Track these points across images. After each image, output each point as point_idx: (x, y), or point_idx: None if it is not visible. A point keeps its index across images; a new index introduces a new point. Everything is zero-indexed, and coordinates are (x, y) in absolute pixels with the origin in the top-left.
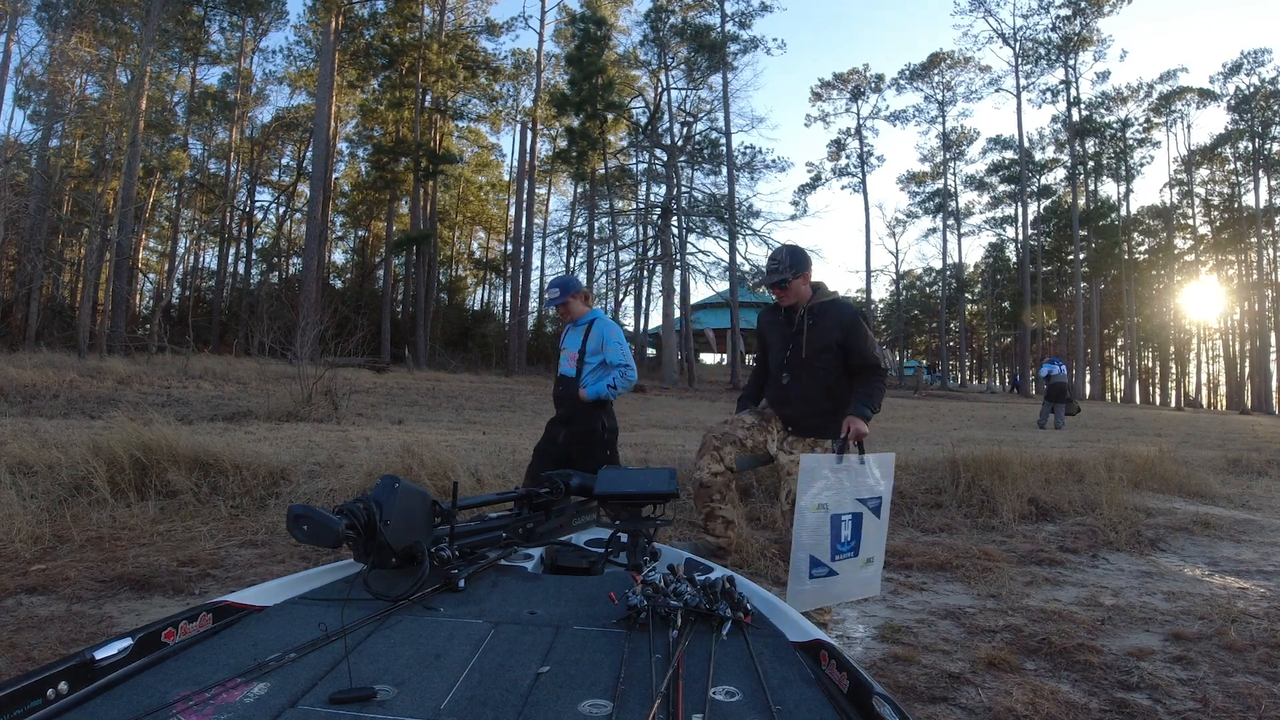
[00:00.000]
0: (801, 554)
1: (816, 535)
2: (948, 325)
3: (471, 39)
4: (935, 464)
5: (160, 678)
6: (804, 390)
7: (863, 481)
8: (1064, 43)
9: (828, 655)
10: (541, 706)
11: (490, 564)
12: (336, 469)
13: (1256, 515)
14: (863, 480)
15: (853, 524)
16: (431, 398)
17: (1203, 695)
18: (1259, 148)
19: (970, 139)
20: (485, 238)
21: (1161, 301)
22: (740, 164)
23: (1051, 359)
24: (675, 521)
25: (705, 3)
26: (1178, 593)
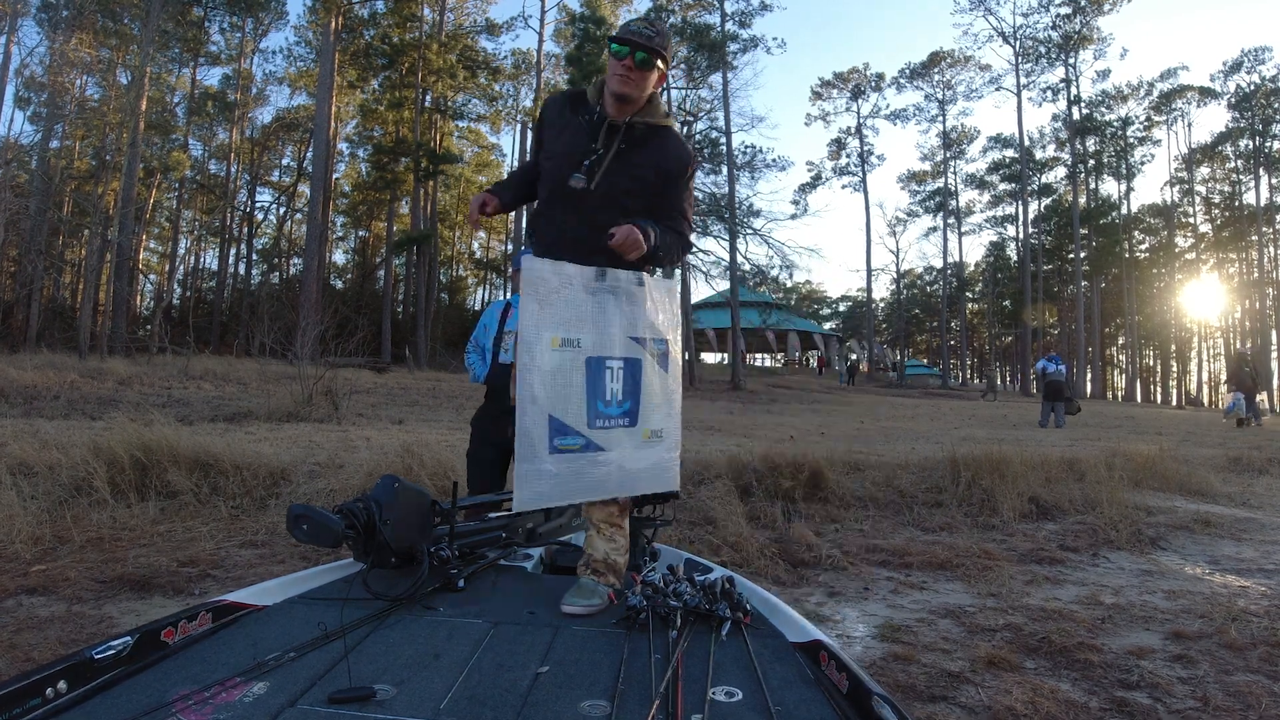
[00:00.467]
0: (535, 414)
1: (559, 385)
2: (949, 324)
3: (471, 39)
4: (935, 463)
5: (160, 677)
6: (588, 243)
7: (637, 310)
8: (1064, 41)
9: (827, 656)
10: (541, 706)
11: (490, 564)
12: (337, 469)
13: (1257, 513)
14: (637, 308)
15: (625, 374)
16: (432, 398)
17: (1203, 694)
18: (1259, 146)
19: (971, 138)
20: (486, 238)
21: (1162, 300)
22: (740, 163)
23: (1050, 356)
24: (676, 521)
25: (705, 2)
26: (1178, 591)
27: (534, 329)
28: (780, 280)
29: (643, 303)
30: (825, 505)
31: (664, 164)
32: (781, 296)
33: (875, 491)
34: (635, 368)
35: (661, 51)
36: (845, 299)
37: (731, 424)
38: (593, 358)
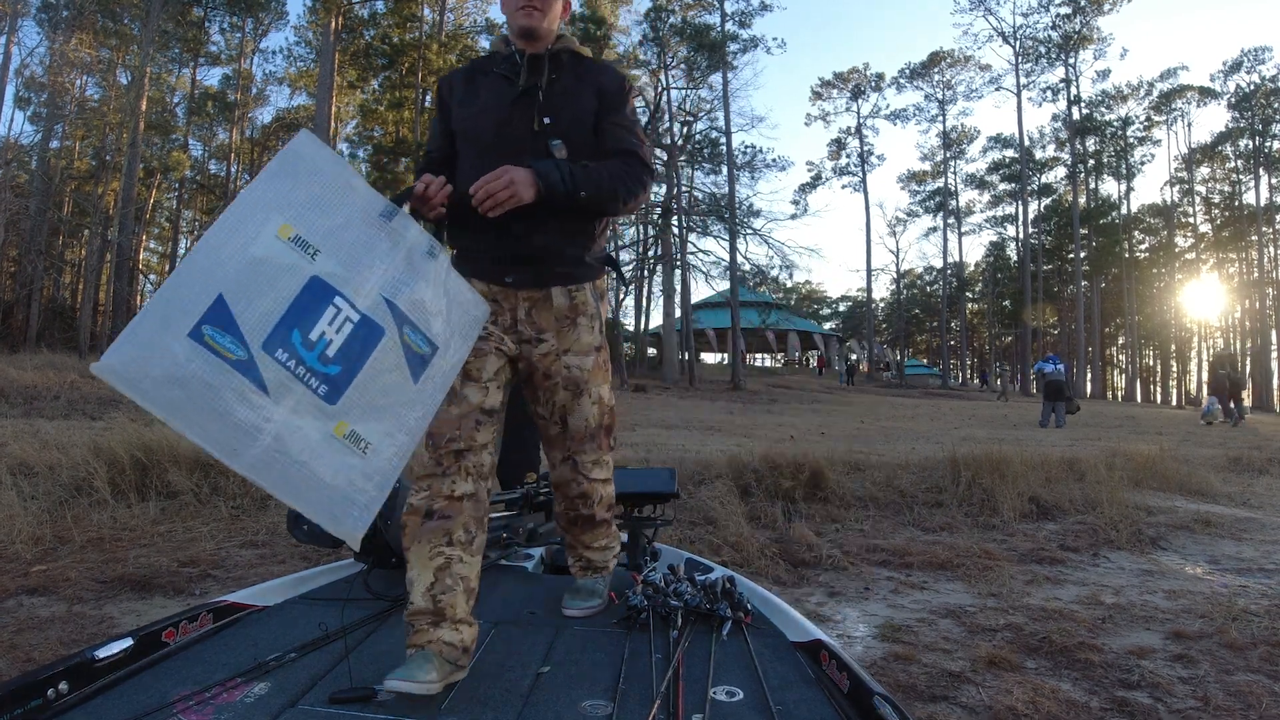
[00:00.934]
0: (200, 278)
1: (257, 275)
2: (948, 324)
3: (471, 39)
4: (936, 463)
5: (160, 677)
6: (535, 211)
7: (410, 279)
8: (1064, 41)
9: (828, 655)
10: (542, 706)
11: (490, 564)
12: None
13: (1257, 513)
14: (412, 277)
15: (352, 333)
16: None
17: (1204, 694)
18: (1259, 146)
19: (971, 137)
20: None
21: (1162, 300)
22: (740, 163)
23: (1049, 356)
24: (676, 521)
25: (705, 2)
26: (1178, 591)
27: (266, 204)
28: (780, 280)
29: (423, 276)
30: (825, 505)
31: (604, 84)
32: (781, 296)
33: (875, 491)
34: (369, 337)
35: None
36: (845, 299)
37: (731, 424)
38: (322, 279)
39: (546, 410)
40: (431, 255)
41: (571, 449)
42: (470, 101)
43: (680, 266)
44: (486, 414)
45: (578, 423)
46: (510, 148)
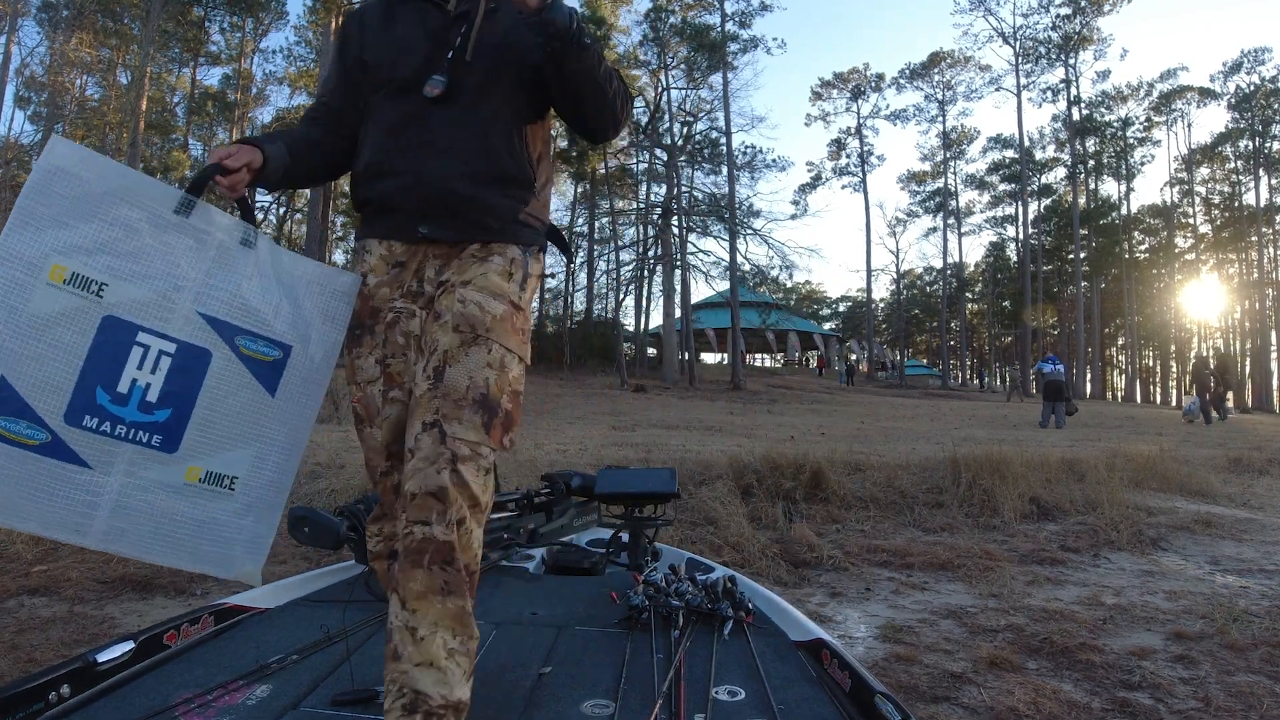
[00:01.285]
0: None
1: (39, 341)
2: (948, 324)
3: None
4: (936, 463)
5: (162, 680)
6: (465, 134)
7: (226, 278)
8: (1064, 42)
9: (829, 655)
10: (544, 707)
11: (491, 565)
12: (338, 469)
13: (1258, 514)
14: (228, 276)
15: (172, 365)
16: None
17: (1204, 694)
18: (1259, 146)
19: (971, 138)
20: None
21: (1162, 300)
22: (740, 163)
23: (1049, 357)
24: (676, 521)
25: (705, 2)
26: (1179, 592)
27: (26, 248)
28: (780, 280)
29: (240, 270)
30: (826, 505)
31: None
32: (781, 297)
33: (876, 492)
34: (195, 366)
35: None
36: (845, 299)
37: (732, 424)
38: (117, 318)
39: (423, 361)
40: (247, 244)
41: (442, 410)
42: (385, 32)
43: (680, 266)
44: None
45: (458, 377)
46: (436, 97)
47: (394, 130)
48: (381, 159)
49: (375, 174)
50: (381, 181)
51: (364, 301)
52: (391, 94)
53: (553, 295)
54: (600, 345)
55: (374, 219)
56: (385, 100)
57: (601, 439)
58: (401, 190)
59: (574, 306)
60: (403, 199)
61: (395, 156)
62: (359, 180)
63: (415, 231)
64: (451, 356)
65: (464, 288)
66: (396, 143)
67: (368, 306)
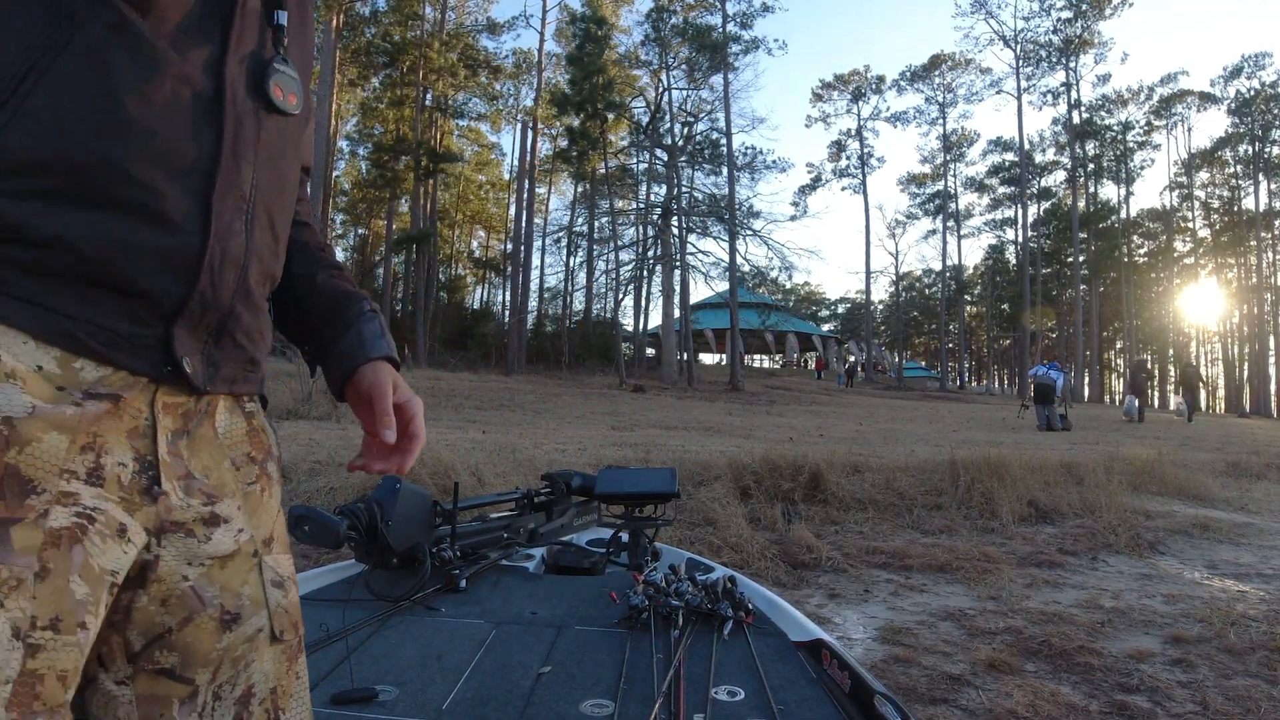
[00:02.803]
0: None
1: None
2: (947, 327)
3: (472, 38)
4: (935, 465)
5: None
6: (259, 193)
7: None
8: (1065, 45)
9: (829, 655)
10: (543, 707)
11: (491, 564)
12: (337, 467)
13: (1255, 518)
14: None
15: None
16: (431, 396)
17: (1202, 697)
18: (1259, 151)
19: (971, 141)
20: (485, 236)
21: (1161, 304)
22: (741, 164)
23: (1049, 363)
24: (676, 522)
25: (707, 3)
26: (1177, 595)
27: None
28: (779, 281)
29: None
30: (825, 507)
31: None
32: (780, 298)
33: (875, 494)
34: None
35: None
36: (844, 301)
37: (730, 425)
38: None
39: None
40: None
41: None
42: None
43: (679, 267)
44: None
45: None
46: (219, 26)
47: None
48: (96, 174)
49: (77, 197)
50: (79, 225)
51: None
52: (143, 36)
53: (552, 295)
54: (599, 345)
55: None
56: (132, 43)
57: (601, 439)
58: (139, 259)
59: (573, 306)
60: (141, 273)
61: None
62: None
63: (160, 354)
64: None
65: (270, 549)
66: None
67: None
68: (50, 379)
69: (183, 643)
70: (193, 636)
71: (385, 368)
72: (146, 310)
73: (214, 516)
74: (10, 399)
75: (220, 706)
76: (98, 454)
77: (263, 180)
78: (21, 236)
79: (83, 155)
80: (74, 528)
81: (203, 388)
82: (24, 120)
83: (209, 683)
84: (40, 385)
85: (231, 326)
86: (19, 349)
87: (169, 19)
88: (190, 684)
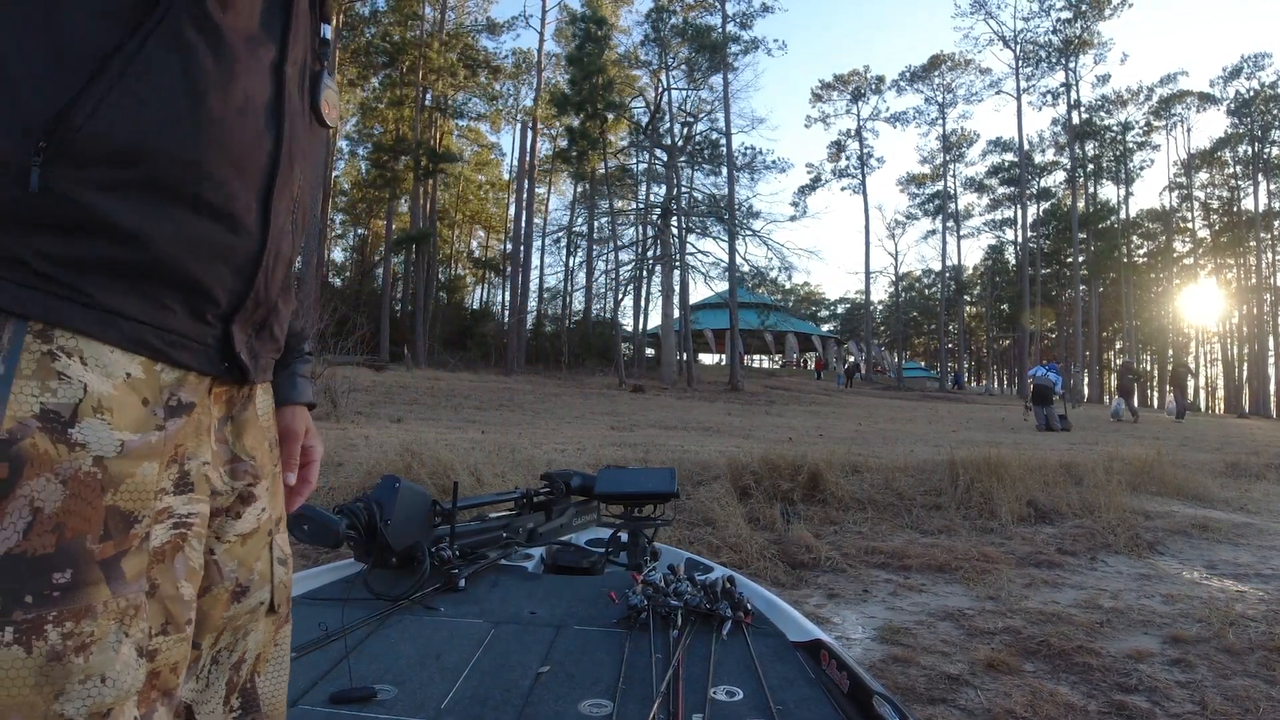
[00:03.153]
0: None
1: None
2: (947, 327)
3: (472, 38)
4: (934, 466)
5: None
6: (302, 195)
7: None
8: (1064, 46)
9: (828, 655)
10: (542, 706)
11: (490, 564)
12: (336, 467)
13: (1255, 519)
14: None
15: None
16: (430, 396)
17: (1201, 697)
18: (1258, 151)
19: (970, 141)
20: (485, 236)
21: (1160, 304)
22: (740, 164)
23: (1048, 364)
24: (675, 522)
25: (706, 3)
26: (1176, 595)
27: None
28: (779, 282)
29: None
30: (824, 507)
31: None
32: (780, 298)
33: (874, 494)
34: None
35: None
36: (843, 301)
37: (730, 425)
38: None
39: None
40: None
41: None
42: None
43: (679, 267)
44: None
45: (272, 690)
46: (279, 30)
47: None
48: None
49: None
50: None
51: None
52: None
53: (551, 295)
54: (599, 345)
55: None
56: (218, 43)
57: (600, 439)
58: (211, 266)
59: (572, 306)
60: (215, 283)
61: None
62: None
63: (226, 358)
64: (261, 658)
65: (278, 531)
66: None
67: None
68: (136, 389)
69: (198, 610)
70: (208, 606)
71: (303, 413)
72: (209, 309)
73: (249, 495)
74: (100, 438)
75: (217, 670)
76: (181, 464)
77: (304, 182)
78: (103, 231)
79: (168, 149)
80: (175, 539)
81: (254, 379)
82: (112, 107)
83: (210, 647)
84: (127, 405)
85: (272, 320)
86: (107, 359)
87: (244, 16)
88: (196, 648)
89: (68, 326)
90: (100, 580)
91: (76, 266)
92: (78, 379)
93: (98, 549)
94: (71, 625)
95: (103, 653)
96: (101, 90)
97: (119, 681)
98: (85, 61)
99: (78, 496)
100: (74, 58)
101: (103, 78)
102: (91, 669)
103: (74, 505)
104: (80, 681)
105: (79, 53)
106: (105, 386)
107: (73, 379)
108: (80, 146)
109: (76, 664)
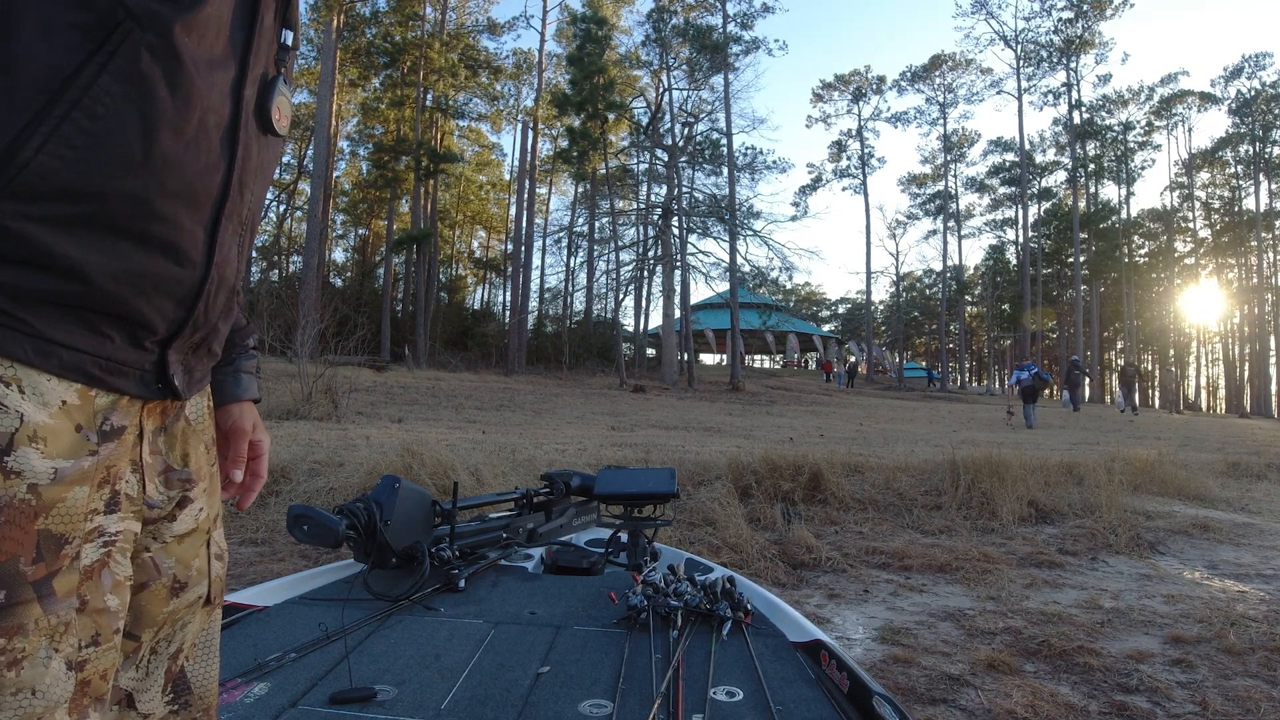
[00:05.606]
0: None
1: None
2: (948, 327)
3: (473, 38)
4: (935, 466)
5: None
6: (251, 215)
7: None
8: (1065, 45)
9: (828, 655)
10: (542, 707)
11: (490, 564)
12: (337, 467)
13: (1256, 519)
14: None
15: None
16: (431, 396)
17: (1202, 698)
18: (1259, 151)
19: (971, 141)
20: (485, 237)
21: (1161, 304)
22: (741, 165)
23: (1025, 365)
24: (675, 522)
25: (707, 3)
26: (1177, 596)
27: None
28: (780, 282)
29: None
30: (825, 507)
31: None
32: (781, 298)
33: (875, 494)
34: None
35: None
36: (844, 301)
37: (731, 425)
38: None
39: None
40: None
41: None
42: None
43: (680, 267)
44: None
45: (202, 678)
46: (241, 47)
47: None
48: (127, 205)
49: (94, 229)
50: (100, 257)
51: None
52: (206, 63)
53: (552, 295)
54: (599, 345)
55: (66, 327)
56: (189, 63)
57: (601, 439)
58: (143, 288)
59: (573, 306)
60: (145, 304)
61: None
62: (70, 229)
63: (157, 379)
64: (191, 648)
65: (216, 529)
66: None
67: None
68: (71, 415)
69: (136, 606)
70: (146, 601)
71: (250, 409)
72: (147, 337)
73: (185, 499)
74: (34, 466)
75: (156, 660)
76: (112, 484)
77: (254, 201)
78: (47, 265)
79: (115, 187)
80: (103, 557)
81: (186, 397)
82: (60, 143)
83: (150, 639)
84: (61, 433)
85: (210, 339)
86: (44, 388)
87: (208, 41)
88: (136, 640)
89: (7, 356)
90: (33, 599)
91: (19, 298)
92: (14, 409)
93: (30, 570)
94: (4, 642)
95: (34, 667)
96: (50, 126)
97: (49, 693)
98: (37, 93)
99: (12, 523)
100: (25, 90)
101: (53, 112)
102: (23, 683)
103: (8, 530)
104: (12, 694)
105: (31, 85)
106: (41, 415)
107: (9, 409)
108: (27, 181)
109: (8, 678)
